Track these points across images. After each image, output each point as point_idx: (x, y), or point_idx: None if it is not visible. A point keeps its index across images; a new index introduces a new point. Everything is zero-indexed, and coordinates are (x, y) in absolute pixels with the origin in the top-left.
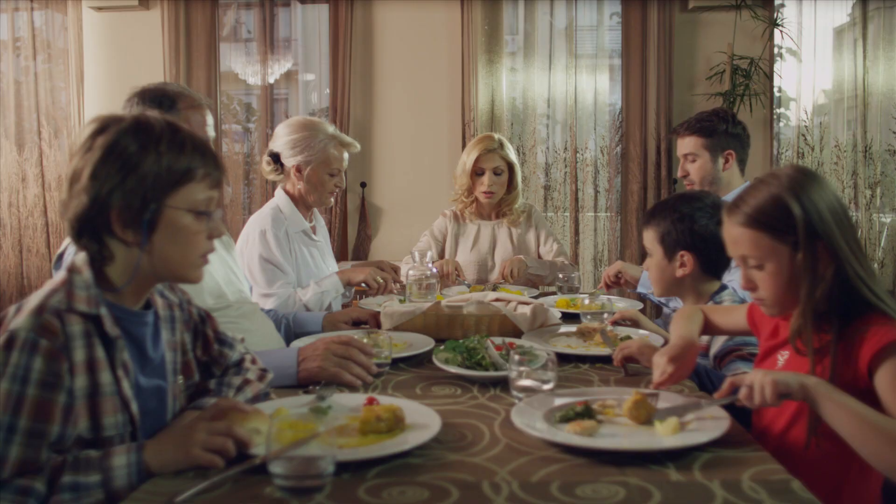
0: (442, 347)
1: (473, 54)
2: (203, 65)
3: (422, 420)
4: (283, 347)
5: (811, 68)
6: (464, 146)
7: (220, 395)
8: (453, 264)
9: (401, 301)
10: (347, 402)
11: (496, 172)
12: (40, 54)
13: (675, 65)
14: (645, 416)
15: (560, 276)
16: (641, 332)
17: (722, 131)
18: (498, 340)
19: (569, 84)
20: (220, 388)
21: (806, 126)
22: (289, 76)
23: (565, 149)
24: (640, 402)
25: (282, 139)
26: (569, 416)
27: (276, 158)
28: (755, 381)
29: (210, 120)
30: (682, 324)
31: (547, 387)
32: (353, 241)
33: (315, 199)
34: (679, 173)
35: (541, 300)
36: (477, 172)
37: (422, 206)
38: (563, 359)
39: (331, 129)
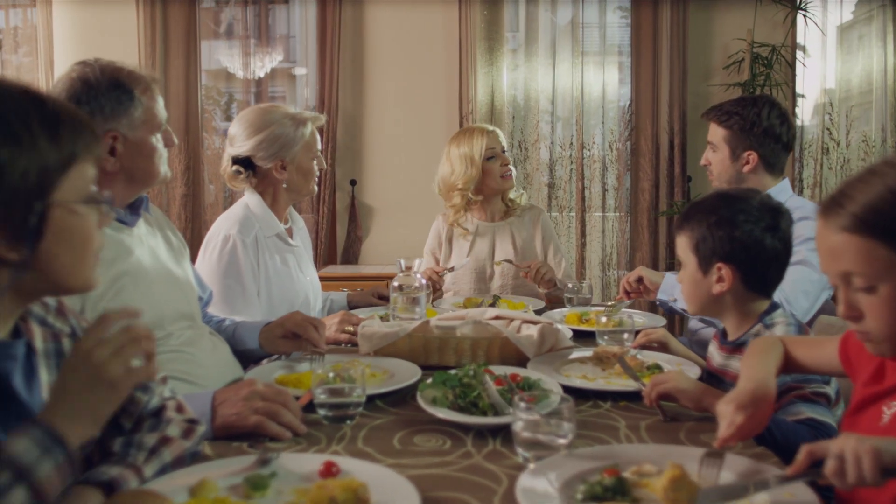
0: (429, 381)
1: (472, 47)
2: (181, 53)
3: (394, 498)
4: (241, 376)
5: (836, 58)
6: None
7: (125, 461)
8: (430, 272)
9: (382, 318)
10: (299, 467)
11: (504, 152)
12: (7, 46)
13: (690, 53)
14: (687, 498)
15: (569, 285)
16: (670, 357)
17: (745, 128)
18: (499, 371)
19: (574, 76)
20: (128, 450)
21: (830, 119)
22: (283, 73)
23: (571, 144)
24: (678, 481)
25: (248, 142)
26: (595, 492)
27: (246, 163)
28: (846, 449)
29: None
30: (756, 361)
31: (562, 441)
32: (342, 243)
33: (306, 190)
34: (701, 162)
35: (547, 313)
36: (488, 157)
37: (416, 205)
38: (578, 394)
39: (290, 109)
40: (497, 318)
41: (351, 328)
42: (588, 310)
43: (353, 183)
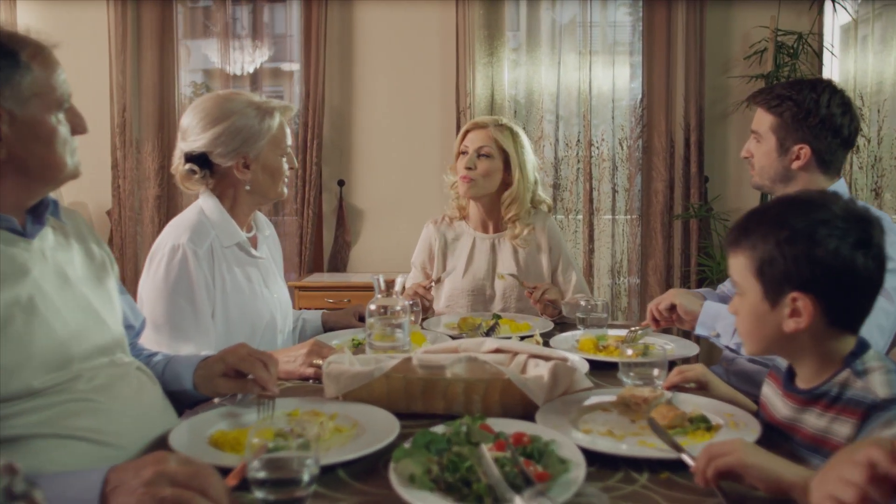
0: (408, 445)
1: (470, 40)
2: (155, 52)
3: None
4: (173, 425)
5: (867, 47)
6: None
7: None
8: (416, 289)
9: (358, 346)
10: None
11: (481, 153)
12: None
13: (708, 42)
14: None
15: (581, 302)
16: (715, 404)
17: (798, 117)
18: (499, 425)
19: (582, 69)
20: None
21: (861, 114)
22: (273, 70)
23: (577, 142)
24: None
25: (203, 135)
26: None
27: (202, 161)
28: None
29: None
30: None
31: None
32: (329, 249)
33: (274, 192)
34: (742, 153)
35: (557, 337)
36: (462, 152)
37: (410, 208)
38: (604, 461)
39: (255, 97)
40: (497, 350)
41: (321, 361)
42: (604, 332)
43: (340, 183)
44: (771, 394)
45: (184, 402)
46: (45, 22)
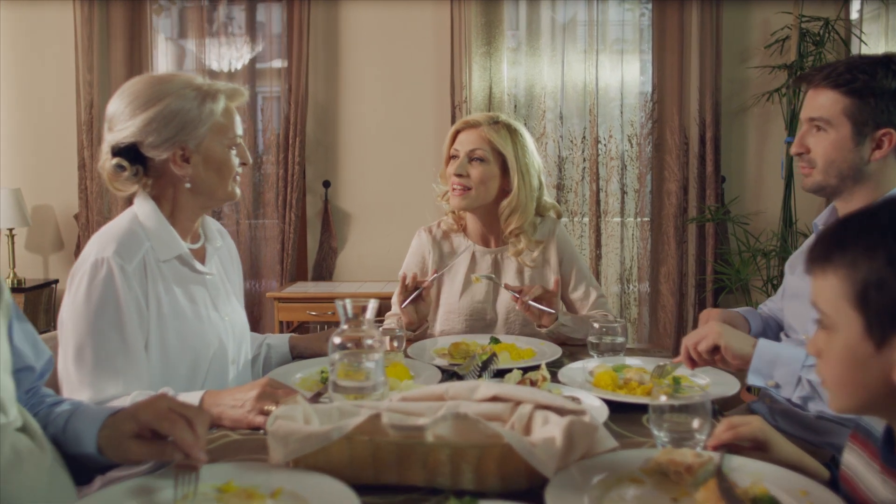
0: None
1: (466, 35)
2: (125, 52)
3: None
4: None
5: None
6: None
7: None
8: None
9: (324, 380)
10: None
11: (474, 157)
12: None
13: (724, 30)
14: None
15: (595, 325)
16: (783, 476)
17: (884, 96)
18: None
19: (588, 61)
20: None
21: None
22: (263, 68)
23: (583, 139)
24: None
25: (132, 122)
26: None
27: (132, 154)
28: None
29: None
30: None
31: None
32: (313, 256)
33: (222, 191)
34: (793, 148)
35: (567, 368)
36: (452, 156)
37: (401, 210)
38: None
39: (198, 79)
40: (495, 398)
41: (273, 407)
42: (622, 361)
43: (326, 185)
44: (859, 466)
45: (94, 467)
46: (8, 21)
